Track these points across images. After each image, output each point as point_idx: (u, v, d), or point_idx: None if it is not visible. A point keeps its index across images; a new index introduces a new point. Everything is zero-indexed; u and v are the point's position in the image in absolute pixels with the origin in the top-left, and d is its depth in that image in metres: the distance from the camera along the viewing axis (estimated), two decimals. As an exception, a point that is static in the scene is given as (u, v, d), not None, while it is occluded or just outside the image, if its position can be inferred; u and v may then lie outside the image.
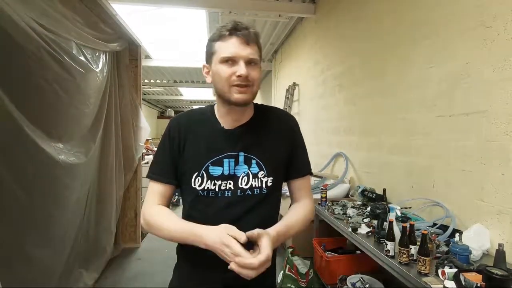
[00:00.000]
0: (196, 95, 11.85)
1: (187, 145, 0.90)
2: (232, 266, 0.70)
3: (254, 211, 0.87)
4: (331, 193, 2.68)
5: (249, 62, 0.83)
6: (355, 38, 2.89)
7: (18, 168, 1.69)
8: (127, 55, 3.37)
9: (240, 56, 0.82)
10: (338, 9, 3.28)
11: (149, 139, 5.43)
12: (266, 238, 0.74)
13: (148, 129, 3.65)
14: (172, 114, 15.29)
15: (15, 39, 1.59)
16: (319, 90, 3.83)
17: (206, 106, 0.98)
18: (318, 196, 2.50)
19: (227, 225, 0.76)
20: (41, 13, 1.79)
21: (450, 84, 1.71)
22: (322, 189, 2.47)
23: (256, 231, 0.75)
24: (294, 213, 0.92)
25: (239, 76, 0.81)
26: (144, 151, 3.84)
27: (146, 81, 8.25)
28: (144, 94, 10.74)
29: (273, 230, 0.80)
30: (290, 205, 0.99)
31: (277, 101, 5.97)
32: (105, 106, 2.84)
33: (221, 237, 0.72)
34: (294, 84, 4.78)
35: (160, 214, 0.87)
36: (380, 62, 2.43)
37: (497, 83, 1.43)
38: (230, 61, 0.82)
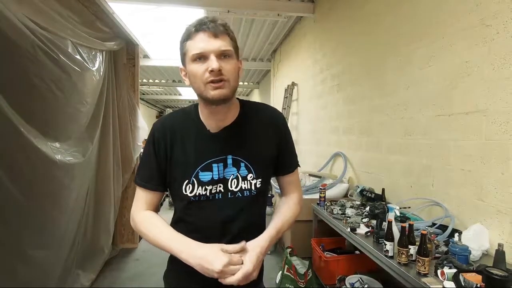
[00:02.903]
0: (195, 95, 11.78)
1: (175, 151, 0.88)
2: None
3: (245, 211, 0.90)
4: (329, 193, 2.67)
5: (221, 55, 0.79)
6: (354, 37, 2.87)
7: (15, 168, 1.67)
8: (124, 54, 3.35)
9: (209, 50, 0.78)
10: (337, 8, 3.27)
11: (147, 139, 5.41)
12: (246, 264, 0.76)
13: (146, 128, 3.63)
14: (171, 114, 15.21)
15: (8, 36, 1.57)
16: (318, 90, 3.82)
17: (190, 106, 0.94)
18: (316, 196, 2.49)
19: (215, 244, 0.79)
20: (36, 11, 1.77)
21: (449, 83, 1.70)
22: (320, 188, 2.46)
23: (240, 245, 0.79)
24: (281, 215, 0.94)
25: (211, 71, 0.77)
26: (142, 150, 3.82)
27: (144, 80, 8.23)
28: (143, 94, 10.69)
29: (257, 246, 0.82)
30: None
31: (276, 100, 5.96)
32: (103, 105, 2.82)
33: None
34: (293, 84, 4.78)
35: (149, 222, 0.88)
36: (379, 61, 2.42)
37: (497, 81, 1.42)
38: (201, 57, 0.79)
